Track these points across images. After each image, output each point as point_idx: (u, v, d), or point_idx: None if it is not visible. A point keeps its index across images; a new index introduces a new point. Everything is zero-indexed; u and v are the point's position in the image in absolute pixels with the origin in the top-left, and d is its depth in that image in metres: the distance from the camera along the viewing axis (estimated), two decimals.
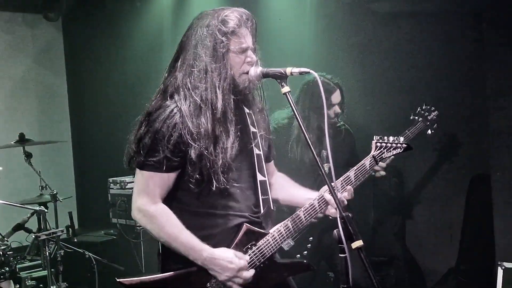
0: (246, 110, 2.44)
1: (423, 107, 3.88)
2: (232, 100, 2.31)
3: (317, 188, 2.54)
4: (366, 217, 4.49)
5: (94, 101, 6.44)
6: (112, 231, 5.46)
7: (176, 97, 2.28)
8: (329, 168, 2.14)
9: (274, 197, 2.54)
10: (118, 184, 5.28)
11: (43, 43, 6.40)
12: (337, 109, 3.95)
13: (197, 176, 2.25)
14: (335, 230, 2.04)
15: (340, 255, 2.04)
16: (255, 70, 2.34)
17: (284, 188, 2.65)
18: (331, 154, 2.12)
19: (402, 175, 4.77)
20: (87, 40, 6.40)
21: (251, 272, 2.33)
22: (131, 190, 5.09)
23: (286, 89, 2.24)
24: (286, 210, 3.02)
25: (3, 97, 6.10)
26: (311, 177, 3.64)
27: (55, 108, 6.50)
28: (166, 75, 2.39)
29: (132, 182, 5.18)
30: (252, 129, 2.43)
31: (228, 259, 2.29)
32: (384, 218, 4.89)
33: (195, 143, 2.22)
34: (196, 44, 2.30)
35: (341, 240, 2.02)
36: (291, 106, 2.22)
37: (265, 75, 2.33)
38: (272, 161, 2.67)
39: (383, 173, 3.66)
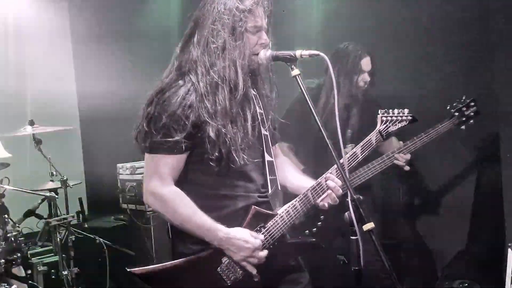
0: (253, 92, 2.43)
1: (462, 99, 3.79)
2: (245, 79, 2.31)
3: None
4: (375, 200, 4.48)
5: (101, 86, 6.43)
6: (122, 216, 5.49)
7: (192, 74, 2.27)
8: (331, 144, 2.13)
9: (280, 181, 2.54)
10: (127, 170, 5.29)
11: (50, 27, 6.38)
12: (366, 77, 3.88)
13: (216, 154, 2.25)
14: (346, 213, 2.04)
15: (351, 237, 2.04)
16: (265, 53, 2.34)
17: (287, 173, 2.64)
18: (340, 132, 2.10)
19: (412, 158, 4.77)
20: (94, 25, 6.38)
21: (265, 252, 2.33)
22: (140, 176, 5.14)
23: (295, 72, 2.23)
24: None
25: (13, 82, 6.09)
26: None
27: (63, 94, 6.50)
28: (179, 51, 2.37)
29: (142, 167, 5.23)
30: (258, 110, 2.42)
31: (244, 239, 2.28)
32: (393, 201, 4.88)
33: (213, 121, 2.21)
34: (214, 20, 2.29)
35: (352, 222, 2.02)
36: (301, 89, 2.22)
37: (274, 58, 2.33)
38: (276, 144, 2.66)
39: (407, 168, 3.65)
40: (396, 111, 2.71)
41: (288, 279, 2.49)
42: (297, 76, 2.23)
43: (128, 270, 2.32)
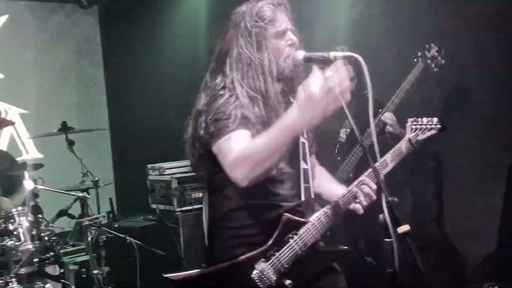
0: (291, 100, 2.45)
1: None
2: (279, 87, 2.35)
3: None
4: (403, 203, 4.47)
5: (131, 89, 6.53)
6: (151, 216, 5.54)
7: (230, 89, 2.31)
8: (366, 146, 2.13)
9: (315, 190, 2.55)
10: (156, 170, 5.35)
11: (81, 32, 6.51)
12: None
13: None
14: (380, 215, 2.04)
15: (385, 239, 2.05)
16: (299, 55, 2.36)
17: (322, 182, 2.65)
18: (376, 139, 2.11)
19: (439, 160, 4.73)
20: (124, 28, 6.48)
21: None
22: (169, 176, 5.21)
23: (329, 74, 2.23)
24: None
25: (46, 86, 6.24)
26: None
27: (94, 96, 6.62)
28: (212, 72, 2.42)
29: (170, 168, 5.30)
30: None
31: (303, 95, 2.01)
32: (421, 203, 4.86)
33: (252, 130, 2.24)
34: (237, 39, 2.35)
35: (387, 225, 2.02)
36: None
37: (307, 60, 2.34)
38: (313, 155, 2.68)
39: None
40: (425, 119, 2.71)
41: (322, 284, 2.50)
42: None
43: (165, 276, 2.34)
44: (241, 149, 2.14)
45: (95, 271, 4.51)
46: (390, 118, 3.70)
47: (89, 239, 4.54)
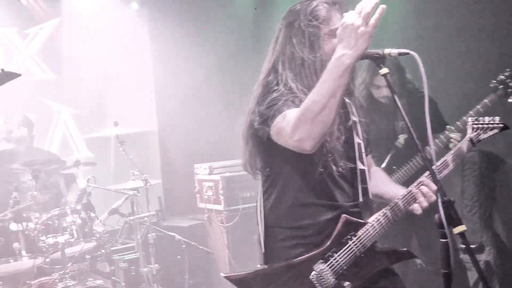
0: (347, 100, 2.43)
1: (505, 73, 3.68)
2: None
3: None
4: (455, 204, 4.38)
5: (178, 88, 6.60)
6: (198, 215, 5.59)
7: (285, 89, 2.31)
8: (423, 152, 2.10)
9: (372, 191, 2.52)
10: (205, 170, 5.40)
11: (131, 33, 6.63)
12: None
13: (310, 163, 2.26)
14: (436, 215, 2.01)
15: (440, 240, 2.01)
16: None
17: (380, 183, 2.61)
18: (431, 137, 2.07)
19: (490, 160, 4.64)
20: (172, 28, 6.55)
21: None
22: (218, 176, 5.25)
23: (384, 70, 2.20)
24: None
25: (98, 87, 6.37)
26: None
27: (143, 96, 6.72)
28: (266, 71, 2.41)
29: (218, 167, 5.34)
30: (352, 117, 2.42)
31: (340, 29, 2.11)
32: (473, 204, 4.78)
33: None
34: (290, 39, 2.34)
35: (442, 225, 1.99)
36: (390, 88, 2.20)
37: (362, 57, 2.32)
38: (370, 155, 2.64)
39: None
40: (487, 118, 2.65)
41: (379, 286, 2.47)
42: (386, 75, 2.21)
43: (223, 276, 2.35)
44: (297, 112, 2.12)
45: (144, 269, 4.57)
46: (458, 139, 3.62)
47: (138, 237, 4.61)
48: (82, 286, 3.91)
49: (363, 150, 2.45)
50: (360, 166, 2.42)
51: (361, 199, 2.41)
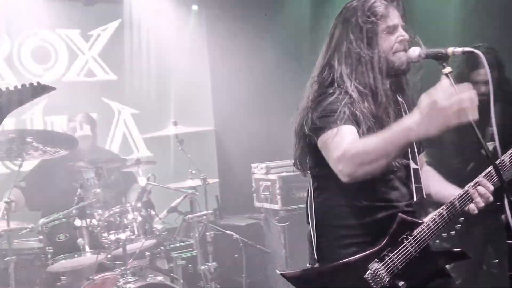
0: (399, 98, 2.41)
1: None
2: (388, 83, 2.31)
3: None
4: None
5: (235, 88, 6.66)
6: (254, 215, 5.62)
7: (338, 85, 2.30)
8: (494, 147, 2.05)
9: (425, 190, 2.49)
10: (262, 169, 5.42)
11: (190, 35, 6.74)
12: None
13: None
14: (503, 215, 1.96)
15: (507, 241, 1.97)
16: (414, 51, 2.31)
17: (433, 182, 2.57)
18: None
19: None
20: (228, 29, 6.62)
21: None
22: (275, 175, 5.26)
23: (447, 69, 2.18)
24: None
25: (158, 87, 6.50)
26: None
27: (200, 96, 6.82)
28: (320, 67, 2.41)
29: (275, 167, 5.35)
30: (405, 115, 2.39)
31: (426, 101, 1.94)
32: None
33: (362, 133, 2.22)
34: (347, 34, 2.33)
35: (509, 226, 1.94)
36: (454, 88, 2.16)
37: (423, 56, 2.30)
38: (422, 154, 2.60)
39: None
40: None
41: (435, 285, 2.44)
42: (448, 74, 2.17)
43: (280, 273, 2.36)
44: (349, 146, 2.12)
45: (202, 267, 4.62)
46: None
47: (196, 235, 4.66)
48: (143, 282, 3.97)
49: (415, 149, 2.42)
50: (413, 165, 2.39)
51: (415, 199, 2.38)
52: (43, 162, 4.95)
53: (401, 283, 2.30)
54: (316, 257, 2.43)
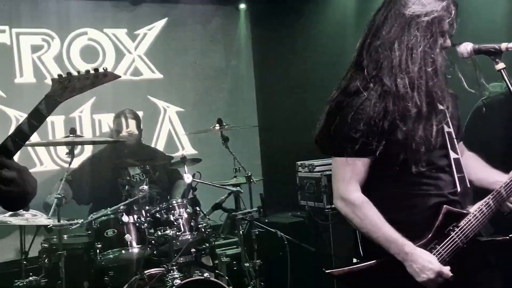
0: (435, 89, 2.35)
1: None
2: (436, 79, 2.28)
3: None
4: None
5: (279, 87, 6.66)
6: (299, 213, 5.60)
7: (382, 79, 2.27)
8: None
9: (468, 177, 2.44)
10: (306, 167, 5.40)
11: (235, 33, 6.78)
12: None
13: (403, 156, 2.24)
14: None
15: None
16: (466, 47, 2.27)
17: (476, 168, 2.53)
18: None
19: None
20: (273, 28, 6.62)
21: (449, 273, 2.26)
22: (319, 173, 5.24)
23: (501, 65, 2.15)
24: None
25: (202, 86, 6.56)
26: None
27: (245, 94, 6.84)
28: (365, 52, 2.37)
29: (320, 165, 5.32)
30: (440, 106, 2.35)
31: (429, 259, 2.24)
32: None
33: (402, 125, 2.21)
34: (409, 25, 2.29)
35: None
36: (507, 84, 2.12)
37: (476, 52, 2.26)
38: (462, 142, 2.57)
39: None
40: None
41: (481, 277, 2.40)
42: (502, 70, 2.13)
43: (327, 271, 2.36)
44: (347, 197, 2.30)
45: (246, 264, 4.63)
46: None
47: (241, 232, 4.68)
48: (189, 278, 4.01)
49: (454, 138, 2.38)
50: (453, 155, 2.36)
51: (459, 189, 2.34)
52: (90, 159, 5.05)
53: (449, 275, 2.27)
54: (361, 252, 2.43)
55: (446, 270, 2.25)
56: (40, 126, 1.94)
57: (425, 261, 2.23)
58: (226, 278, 4.57)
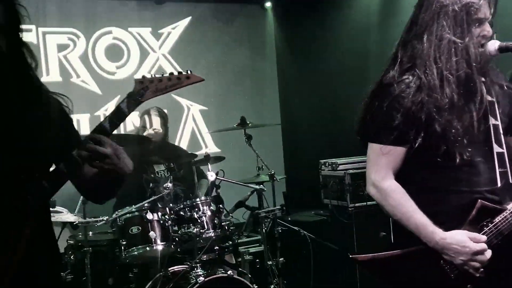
0: (482, 79, 2.33)
1: None
2: (473, 71, 2.25)
3: None
4: None
5: (302, 85, 6.64)
6: (322, 211, 5.59)
7: (418, 69, 2.26)
8: None
9: None
10: (329, 166, 5.38)
11: (258, 32, 6.79)
12: None
13: (440, 148, 2.22)
14: None
15: None
16: (493, 45, 2.24)
17: None
18: None
19: None
20: (297, 26, 6.61)
21: (489, 254, 2.23)
22: (343, 172, 5.22)
23: None
24: None
25: (226, 84, 6.58)
26: None
27: (268, 93, 6.85)
28: (401, 45, 2.37)
29: (344, 164, 5.30)
30: (488, 97, 2.32)
31: (461, 243, 2.21)
32: None
33: (439, 116, 2.20)
34: (438, 15, 2.27)
35: None
36: None
37: (503, 49, 2.23)
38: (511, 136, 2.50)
39: None
40: None
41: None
42: None
43: (351, 256, 2.36)
44: (380, 184, 2.31)
45: (269, 262, 4.63)
46: None
47: (264, 230, 4.68)
48: (213, 276, 4.02)
49: (500, 131, 2.34)
50: (497, 148, 2.31)
51: (499, 184, 2.30)
52: None
53: (480, 270, 2.25)
54: (394, 243, 2.43)
55: (483, 249, 2.22)
56: (120, 124, 2.03)
57: (458, 246, 2.21)
58: (249, 276, 4.57)
